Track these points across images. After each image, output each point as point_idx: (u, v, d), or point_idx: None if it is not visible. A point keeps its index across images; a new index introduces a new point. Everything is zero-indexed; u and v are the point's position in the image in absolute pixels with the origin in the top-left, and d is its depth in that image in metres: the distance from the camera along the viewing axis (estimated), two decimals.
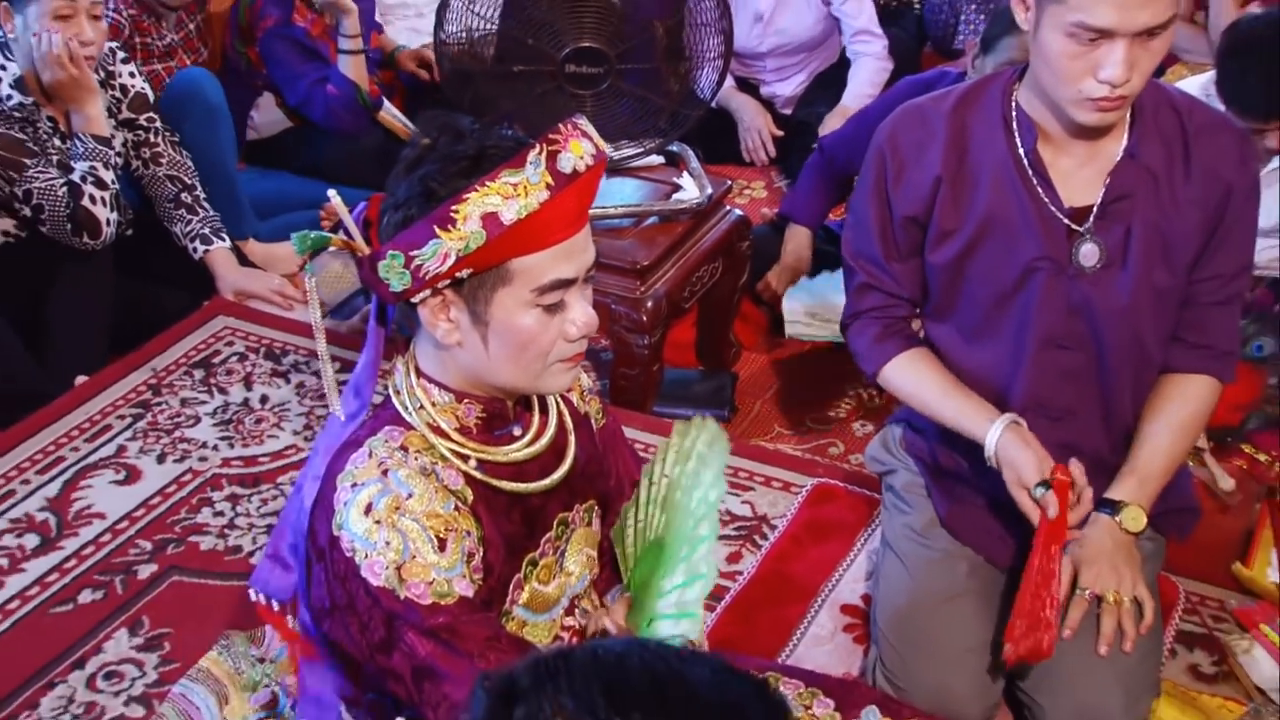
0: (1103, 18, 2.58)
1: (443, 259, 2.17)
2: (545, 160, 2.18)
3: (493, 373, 2.34)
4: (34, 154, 4.35)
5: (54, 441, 4.05)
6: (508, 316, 2.26)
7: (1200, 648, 3.41)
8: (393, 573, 2.24)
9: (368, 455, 2.32)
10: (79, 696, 3.28)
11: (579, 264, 2.27)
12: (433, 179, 2.20)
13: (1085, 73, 2.66)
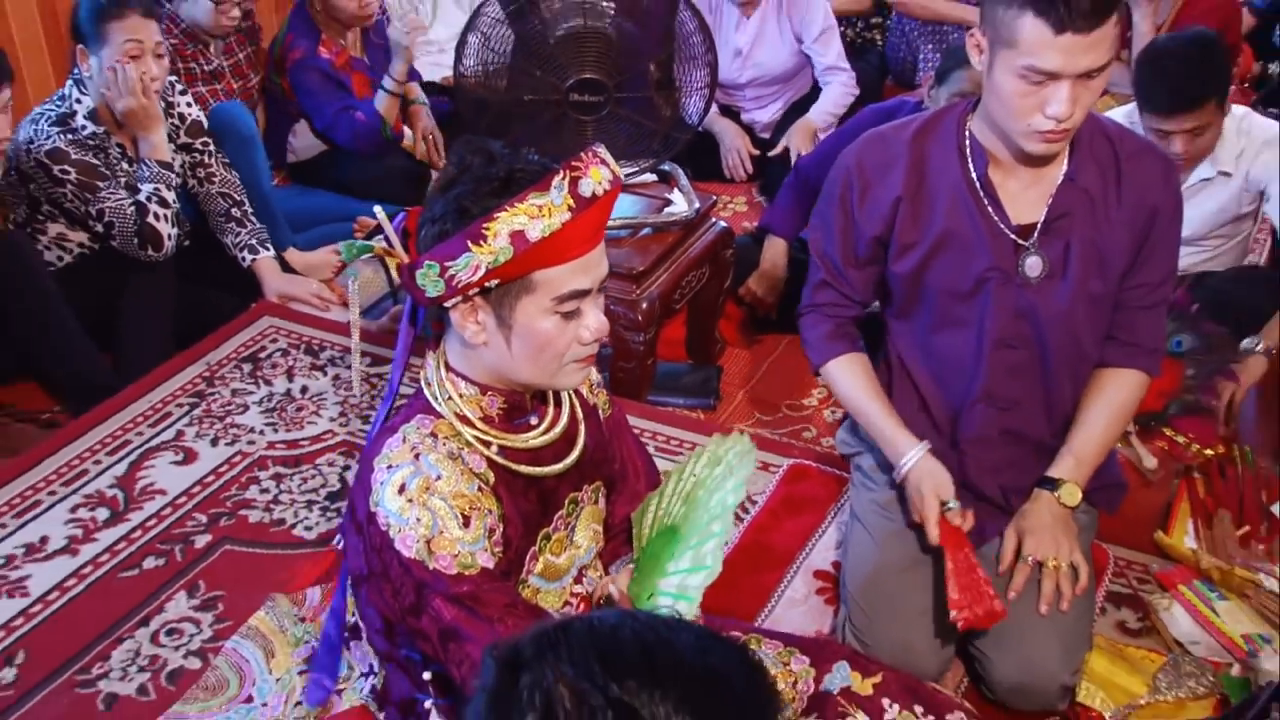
0: (1050, 62, 2.63)
1: (474, 270, 2.21)
2: (568, 185, 2.23)
3: (514, 370, 2.38)
4: (106, 177, 4.37)
5: (121, 427, 4.07)
6: (529, 321, 2.30)
7: (1127, 606, 3.45)
8: (423, 546, 2.28)
9: (401, 440, 2.36)
10: (144, 650, 3.30)
11: (594, 276, 2.31)
12: (466, 198, 2.24)
13: (1035, 109, 2.71)
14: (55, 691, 3.18)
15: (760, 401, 4.48)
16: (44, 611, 3.41)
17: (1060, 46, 2.62)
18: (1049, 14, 2.59)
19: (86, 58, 4.34)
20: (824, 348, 3.23)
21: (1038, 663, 2.98)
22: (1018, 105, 2.73)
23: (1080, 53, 2.63)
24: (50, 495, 3.80)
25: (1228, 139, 4.03)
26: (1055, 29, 2.60)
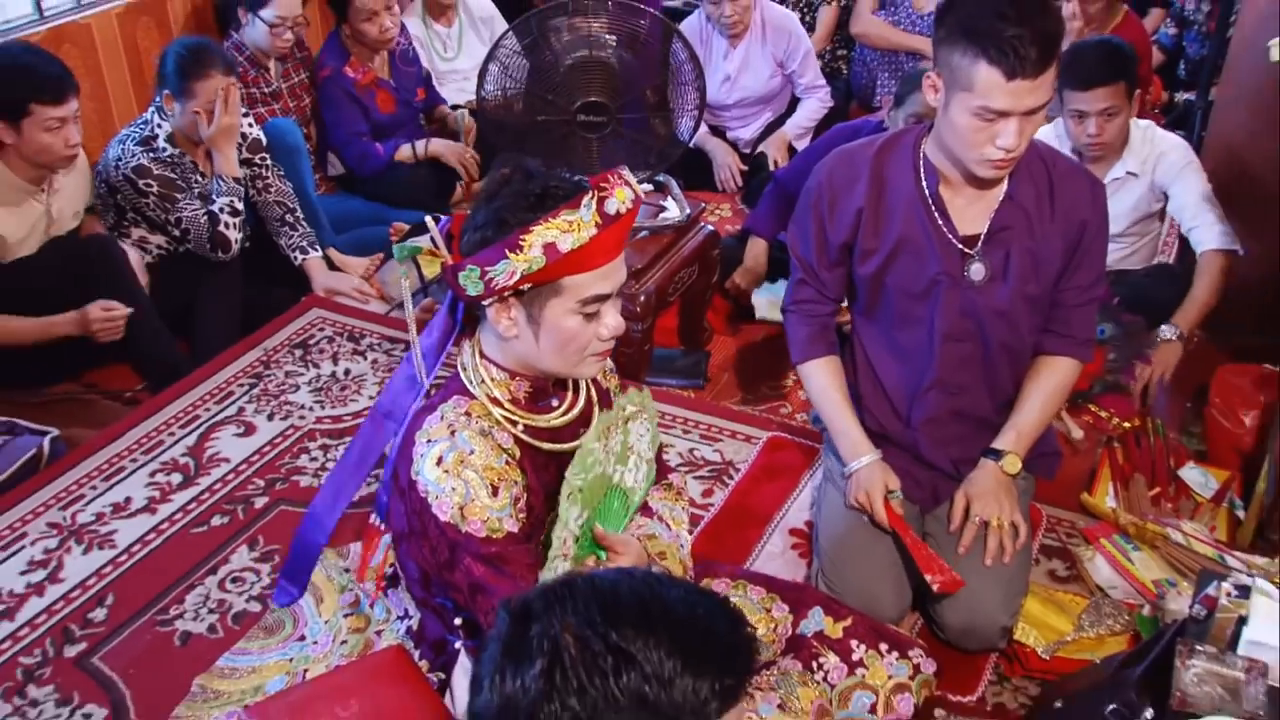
0: (1002, 103, 2.67)
1: (510, 275, 2.24)
2: (596, 204, 2.24)
3: (540, 360, 2.40)
4: (183, 190, 4.41)
5: (192, 404, 4.09)
6: (556, 320, 2.33)
7: (1057, 557, 3.46)
8: (456, 511, 2.32)
9: (440, 418, 2.38)
10: (213, 595, 3.33)
11: (614, 282, 2.34)
12: (506, 210, 2.26)
13: (986, 141, 2.74)
14: (139, 629, 3.21)
15: (743, 382, 4.47)
16: (129, 561, 3.44)
17: (1010, 90, 2.65)
18: (1001, 63, 2.62)
19: (172, 102, 4.35)
20: (804, 349, 3.25)
21: (982, 607, 3.01)
22: (972, 139, 2.76)
23: (1026, 94, 2.66)
24: (132, 462, 3.81)
25: (1135, 146, 4.06)
26: (1007, 76, 2.63)
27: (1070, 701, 2.76)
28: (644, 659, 1.43)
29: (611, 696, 1.41)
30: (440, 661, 2.67)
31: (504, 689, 1.44)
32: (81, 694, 3.02)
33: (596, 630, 1.44)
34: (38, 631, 3.20)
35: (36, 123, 3.90)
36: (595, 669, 1.42)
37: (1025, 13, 2.61)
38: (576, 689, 1.41)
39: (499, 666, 1.46)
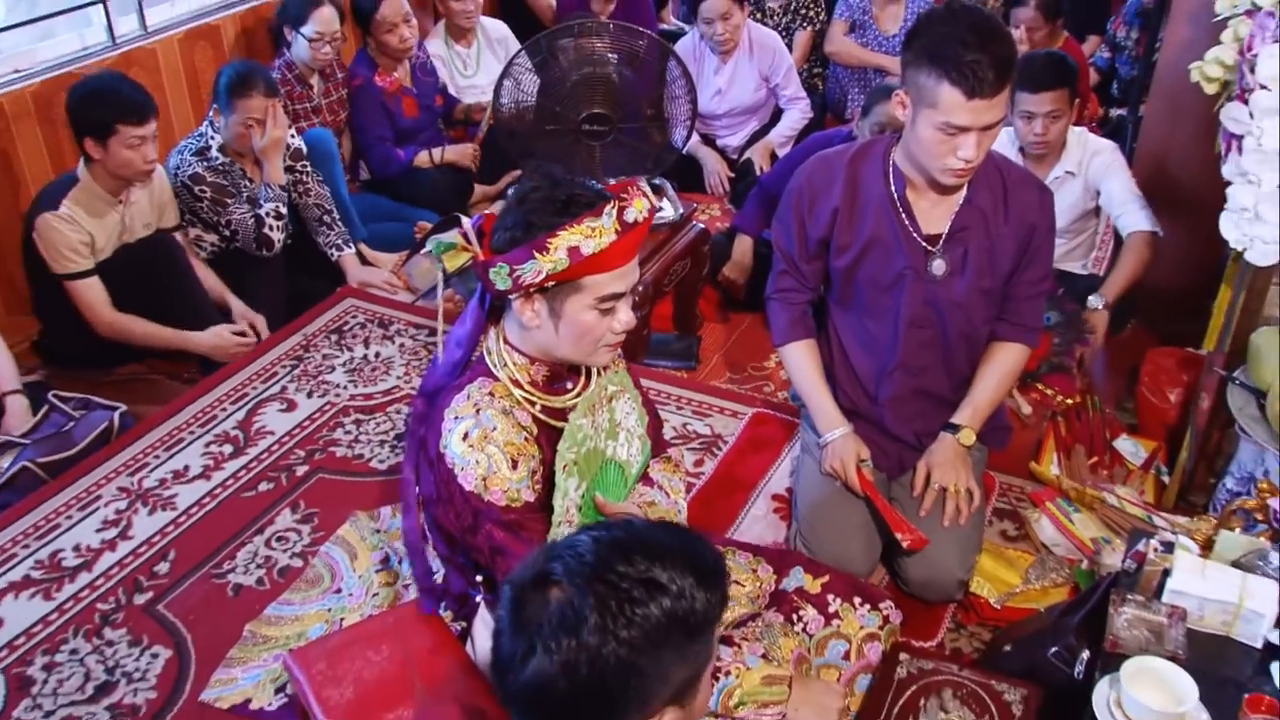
0: (963, 119, 2.69)
1: (536, 274, 2.24)
2: (616, 213, 2.25)
3: (558, 348, 2.40)
4: (233, 195, 4.45)
5: (241, 383, 4.10)
6: (575, 314, 2.33)
7: (1008, 519, 3.48)
8: (480, 482, 2.32)
9: (466, 397, 2.38)
10: (260, 552, 3.37)
11: (629, 282, 2.35)
12: (534, 214, 2.26)
13: (949, 153, 2.76)
14: (197, 581, 3.26)
15: (731, 364, 4.47)
16: (188, 521, 3.48)
17: (970, 108, 2.67)
18: (962, 84, 2.64)
19: (220, 115, 4.41)
20: (784, 332, 3.26)
21: (941, 563, 3.04)
22: (936, 150, 2.79)
23: (984, 112, 2.69)
24: (190, 434, 3.84)
25: (1072, 148, 4.08)
26: (967, 96, 2.65)
27: (1018, 645, 2.79)
28: (667, 582, 1.49)
29: (654, 620, 1.47)
30: (463, 613, 2.67)
31: (556, 653, 1.46)
32: (149, 637, 3.07)
33: (618, 571, 1.49)
34: (111, 582, 3.25)
35: (121, 141, 3.95)
36: (634, 601, 1.47)
37: (984, 40, 2.63)
38: (625, 623, 1.46)
39: (541, 635, 1.48)
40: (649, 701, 1.52)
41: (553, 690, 1.47)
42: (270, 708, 2.84)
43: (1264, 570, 2.40)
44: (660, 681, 1.51)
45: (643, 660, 1.48)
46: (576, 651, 1.46)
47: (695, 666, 1.57)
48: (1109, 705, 2.24)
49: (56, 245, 3.98)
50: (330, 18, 5.00)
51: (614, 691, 1.48)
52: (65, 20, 4.71)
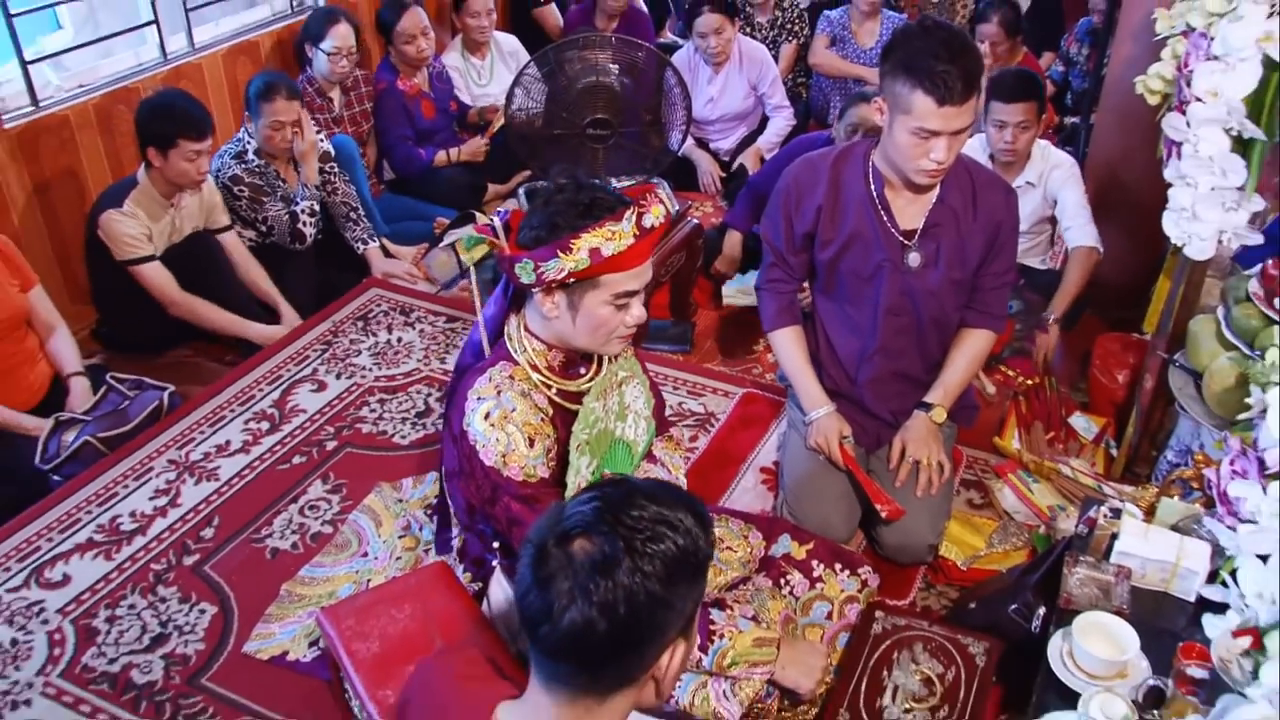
0: (934, 124, 2.70)
1: (559, 271, 2.24)
2: (635, 218, 2.26)
3: (574, 338, 2.40)
4: (269, 194, 4.48)
5: (276, 365, 4.10)
6: (592, 308, 2.32)
7: (974, 489, 3.49)
8: (499, 458, 2.32)
9: (488, 380, 2.38)
10: (294, 520, 3.38)
11: (643, 281, 2.34)
12: (559, 216, 2.25)
13: (922, 155, 2.77)
14: (238, 545, 3.28)
15: (722, 348, 4.45)
16: (229, 491, 3.50)
17: (941, 114, 2.68)
18: (934, 93, 2.65)
19: (250, 120, 4.45)
20: (774, 319, 3.26)
21: (913, 529, 3.06)
22: (910, 153, 2.80)
23: (954, 118, 2.70)
24: (230, 412, 3.85)
25: (1035, 161, 4.09)
26: (938, 103, 2.66)
27: (982, 603, 2.81)
28: (676, 521, 1.53)
29: (672, 555, 1.51)
30: (479, 574, 2.69)
31: (594, 595, 1.48)
32: (197, 594, 3.10)
33: (633, 516, 1.52)
34: (163, 545, 3.28)
35: (180, 153, 4.01)
36: (654, 538, 1.50)
37: (953, 53, 2.65)
38: (649, 560, 1.49)
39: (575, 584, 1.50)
40: (667, 632, 1.55)
41: (593, 632, 1.49)
42: (305, 659, 2.87)
43: (1198, 533, 2.43)
44: (677, 614, 1.54)
45: (667, 593, 1.50)
46: (613, 591, 1.48)
47: (697, 600, 1.60)
48: (1061, 656, 2.28)
49: (121, 236, 4.03)
50: (346, 33, 5.01)
51: (645, 625, 1.51)
52: (123, 40, 4.73)
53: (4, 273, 3.68)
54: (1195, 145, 2.65)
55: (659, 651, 1.56)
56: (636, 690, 1.59)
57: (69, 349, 3.85)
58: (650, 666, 1.57)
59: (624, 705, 1.59)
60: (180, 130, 3.99)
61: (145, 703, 2.79)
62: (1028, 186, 4.09)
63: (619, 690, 1.57)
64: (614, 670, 1.55)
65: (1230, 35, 2.50)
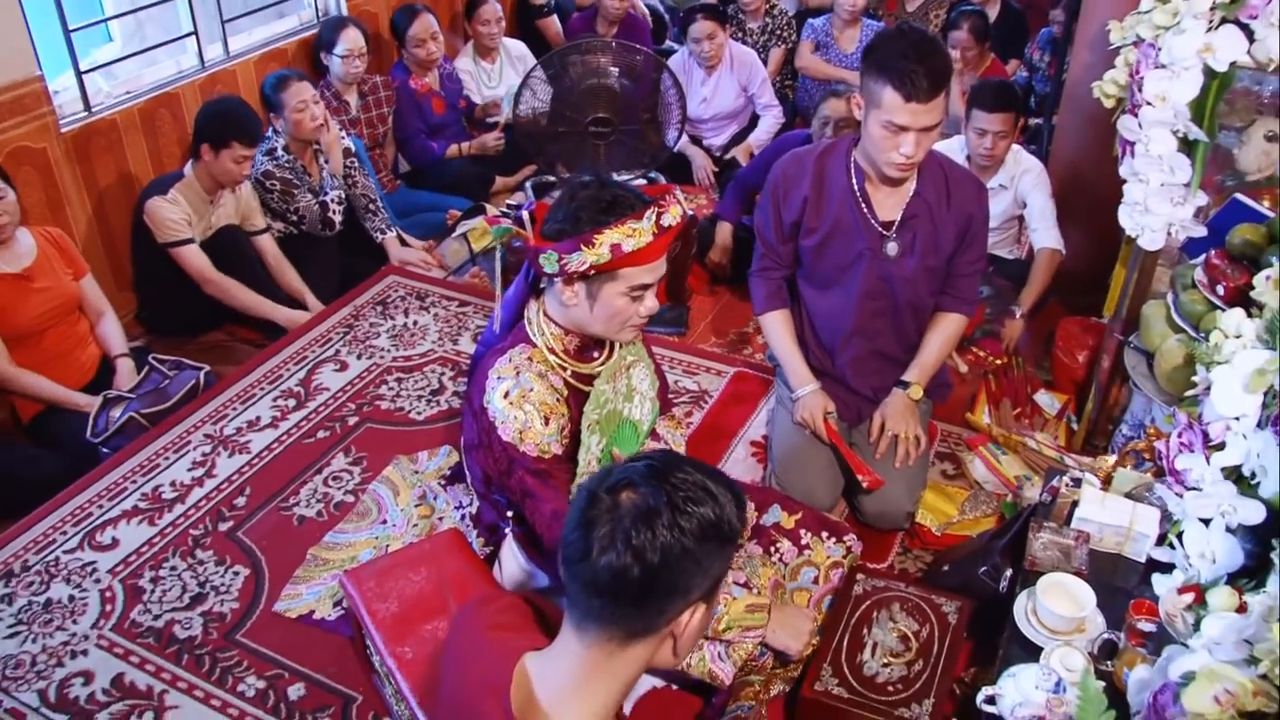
0: (902, 119, 2.71)
1: (581, 264, 2.24)
2: (655, 217, 2.25)
3: (591, 325, 2.41)
4: (298, 186, 4.49)
5: (301, 347, 4.11)
6: (609, 298, 2.33)
7: (947, 460, 3.50)
8: (516, 435, 2.34)
9: (508, 360, 2.40)
10: (319, 490, 3.40)
11: (657, 275, 2.35)
12: (583, 211, 2.25)
13: (892, 149, 2.78)
14: (268, 513, 3.30)
15: (716, 330, 4.45)
16: (260, 463, 3.51)
17: (908, 110, 2.69)
18: (901, 89, 2.66)
19: (277, 119, 4.48)
20: (763, 303, 3.26)
21: (892, 498, 3.08)
22: (881, 146, 2.80)
23: (921, 114, 2.71)
24: (260, 390, 3.86)
25: (1008, 165, 4.09)
26: (905, 99, 2.67)
27: (955, 566, 2.84)
28: (716, 491, 1.56)
29: (708, 520, 1.53)
30: (492, 540, 2.71)
31: (632, 541, 1.51)
32: (231, 558, 3.13)
33: (679, 478, 1.55)
34: (200, 512, 3.30)
35: (231, 154, 4.08)
36: (694, 499, 1.53)
37: (921, 55, 2.65)
38: (687, 518, 1.52)
39: (615, 529, 1.53)
40: (692, 591, 1.56)
41: (626, 575, 1.51)
42: (330, 618, 2.90)
43: (1149, 500, 2.45)
44: (703, 575, 1.56)
45: (698, 552, 1.53)
46: (651, 540, 1.50)
47: (722, 570, 1.61)
48: (1026, 613, 2.30)
49: (164, 219, 4.07)
50: (356, 36, 5.03)
51: (673, 577, 1.53)
52: (166, 50, 4.77)
53: (59, 262, 3.72)
54: (1147, 145, 2.67)
55: (682, 607, 1.57)
56: (656, 642, 1.60)
57: (116, 332, 3.88)
58: (671, 621, 1.58)
59: (643, 655, 1.61)
60: (235, 134, 4.06)
61: (186, 655, 2.82)
62: (1000, 189, 4.10)
63: (641, 638, 1.58)
64: (639, 616, 1.56)
65: (1175, 46, 2.53)
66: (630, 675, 1.63)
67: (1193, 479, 2.07)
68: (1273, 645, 1.44)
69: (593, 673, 1.59)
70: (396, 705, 2.47)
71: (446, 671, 1.84)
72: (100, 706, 2.69)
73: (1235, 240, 2.74)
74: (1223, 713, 1.44)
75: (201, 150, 4.10)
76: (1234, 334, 2.10)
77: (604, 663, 1.59)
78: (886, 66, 2.70)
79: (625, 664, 1.60)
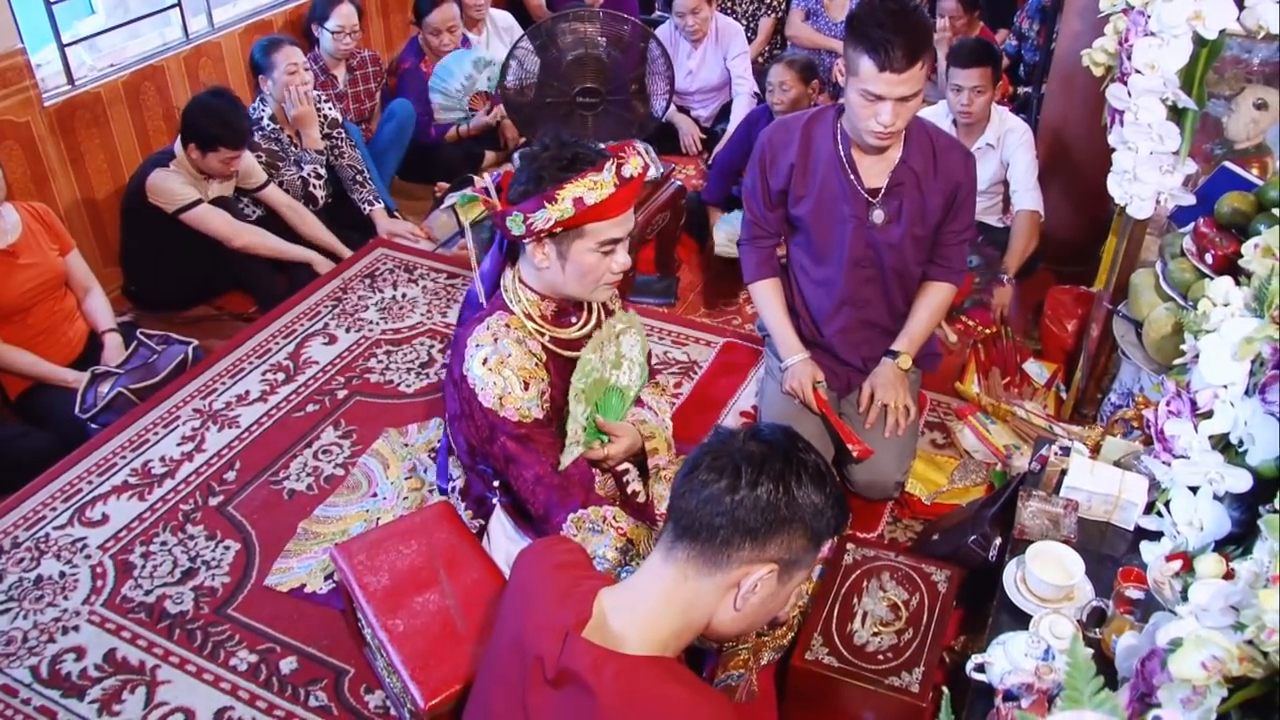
0: (877, 88, 2.72)
1: (546, 220, 2.27)
2: (615, 168, 2.28)
3: (565, 286, 2.43)
4: (283, 158, 4.49)
5: (289, 321, 4.10)
6: (580, 256, 2.36)
7: (937, 430, 3.53)
8: (496, 400, 2.36)
9: (486, 328, 2.41)
10: (309, 464, 3.40)
11: (626, 228, 2.37)
12: (544, 170, 2.28)
13: (870, 117, 2.79)
14: (258, 488, 3.31)
15: (705, 300, 4.48)
16: (249, 437, 3.51)
17: (883, 80, 2.70)
18: (875, 58, 2.68)
19: (265, 81, 4.46)
20: (754, 272, 3.26)
21: (881, 468, 3.09)
22: (860, 114, 2.81)
23: (897, 84, 2.72)
24: (250, 364, 3.85)
25: (994, 124, 4.11)
26: (879, 68, 2.68)
27: (944, 535, 2.84)
28: (828, 487, 1.66)
29: (806, 495, 1.64)
30: (480, 512, 2.71)
31: (731, 468, 1.63)
32: (222, 532, 3.14)
33: (801, 456, 1.66)
34: (190, 487, 3.31)
35: (217, 156, 4.10)
36: (810, 473, 1.66)
37: (898, 25, 2.66)
38: (796, 478, 1.64)
39: (722, 461, 1.64)
40: (767, 544, 1.63)
41: (712, 493, 1.62)
42: (321, 592, 2.91)
43: (1138, 469, 2.46)
44: (780, 544, 1.64)
45: (788, 508, 1.62)
46: (754, 472, 1.62)
47: (802, 554, 1.69)
48: (1015, 581, 2.31)
49: (170, 188, 4.09)
50: (349, 12, 5.03)
51: (756, 526, 1.62)
52: (149, 21, 4.76)
53: (45, 238, 3.70)
54: (1136, 113, 2.67)
55: (750, 557, 1.64)
56: (722, 589, 1.67)
57: (104, 308, 3.88)
58: (736, 567, 1.65)
59: (710, 595, 1.67)
60: (222, 140, 4.08)
61: (178, 630, 2.83)
62: (987, 148, 4.11)
63: (714, 573, 1.65)
64: (711, 539, 1.64)
65: (1164, 13, 2.52)
66: (696, 616, 1.69)
67: (1180, 447, 2.07)
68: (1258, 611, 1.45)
69: (665, 599, 1.67)
70: (388, 677, 2.48)
71: (508, 609, 1.86)
72: (92, 682, 2.69)
73: (1224, 209, 2.74)
74: (1209, 677, 1.44)
75: (189, 148, 4.11)
76: (1222, 302, 2.10)
77: (677, 590, 1.66)
78: (864, 36, 2.71)
79: (696, 596, 1.67)
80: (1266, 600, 1.45)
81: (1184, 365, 2.18)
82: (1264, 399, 1.87)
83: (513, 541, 2.61)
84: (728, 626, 1.71)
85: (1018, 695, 1.94)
